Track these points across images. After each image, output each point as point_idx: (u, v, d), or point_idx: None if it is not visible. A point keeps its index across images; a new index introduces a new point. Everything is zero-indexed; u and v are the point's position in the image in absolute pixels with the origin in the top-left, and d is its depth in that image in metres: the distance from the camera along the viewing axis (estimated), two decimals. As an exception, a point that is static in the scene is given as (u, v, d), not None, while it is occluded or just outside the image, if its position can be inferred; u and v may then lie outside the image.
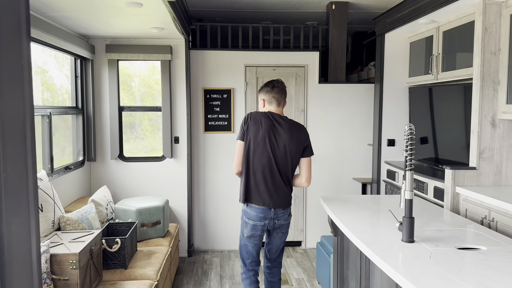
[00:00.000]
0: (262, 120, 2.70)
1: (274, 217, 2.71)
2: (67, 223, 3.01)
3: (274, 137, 2.69)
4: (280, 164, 2.70)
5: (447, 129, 3.78)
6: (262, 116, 2.72)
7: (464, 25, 3.43)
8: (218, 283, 4.01)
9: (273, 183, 2.69)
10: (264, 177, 2.68)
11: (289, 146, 2.70)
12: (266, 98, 2.79)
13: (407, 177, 2.00)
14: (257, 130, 2.68)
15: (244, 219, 2.77)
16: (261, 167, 2.68)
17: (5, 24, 0.52)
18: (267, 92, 2.78)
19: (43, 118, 3.48)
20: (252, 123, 2.71)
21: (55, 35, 3.36)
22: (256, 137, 2.68)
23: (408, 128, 1.98)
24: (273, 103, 2.78)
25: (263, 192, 2.68)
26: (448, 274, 1.63)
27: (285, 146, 2.69)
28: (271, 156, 2.68)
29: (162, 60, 4.49)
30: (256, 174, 2.69)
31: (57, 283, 2.42)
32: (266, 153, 2.68)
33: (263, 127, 2.68)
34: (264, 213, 2.69)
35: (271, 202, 2.68)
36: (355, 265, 2.49)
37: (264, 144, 2.67)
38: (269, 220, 2.71)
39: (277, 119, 2.73)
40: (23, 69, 0.56)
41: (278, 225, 2.76)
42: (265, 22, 5.65)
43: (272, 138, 2.68)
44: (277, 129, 2.70)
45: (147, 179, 4.65)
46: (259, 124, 2.70)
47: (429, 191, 3.53)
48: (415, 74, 4.27)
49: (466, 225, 2.36)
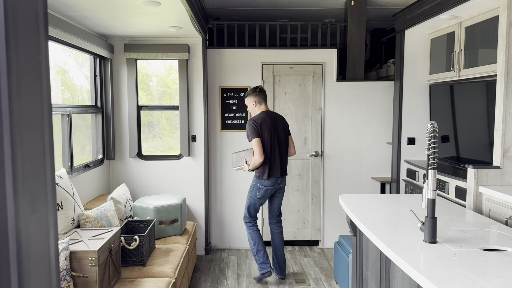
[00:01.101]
0: (266, 120, 3.75)
1: (280, 182, 3.87)
2: (86, 221, 3.04)
3: (276, 129, 3.80)
4: (283, 145, 3.86)
5: (469, 127, 3.69)
6: (265, 117, 3.77)
7: (487, 20, 3.34)
8: (235, 282, 4.00)
9: (281, 159, 3.84)
10: (277, 157, 3.81)
11: (283, 131, 3.86)
12: (257, 100, 3.83)
13: (430, 176, 1.95)
14: (266, 128, 3.73)
15: (259, 186, 3.81)
16: (274, 151, 3.79)
17: (22, 18, 0.51)
18: (256, 95, 3.83)
19: (63, 116, 3.53)
20: (261, 124, 3.73)
21: (75, 34, 3.40)
22: (267, 132, 3.74)
23: (430, 126, 1.93)
24: (263, 103, 3.85)
25: (278, 168, 3.81)
26: (473, 276, 1.58)
27: (283, 131, 3.86)
28: (278, 141, 3.81)
29: (179, 59, 4.50)
30: (272, 156, 3.78)
31: (76, 280, 2.44)
32: (276, 141, 3.79)
33: (268, 124, 3.75)
34: (276, 181, 3.83)
35: (281, 172, 3.84)
36: (375, 266, 2.45)
37: (273, 135, 3.77)
38: (277, 185, 3.86)
39: (271, 115, 3.83)
40: (41, 64, 0.55)
41: (280, 187, 3.93)
42: (282, 20, 5.61)
43: (275, 129, 3.79)
44: (275, 123, 3.80)
45: (165, 177, 4.67)
46: (265, 123, 3.74)
47: (450, 191, 3.45)
48: (436, 71, 4.18)
49: (490, 226, 2.30)
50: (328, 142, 4.88)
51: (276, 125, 3.78)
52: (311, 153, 4.88)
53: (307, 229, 4.98)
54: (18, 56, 0.50)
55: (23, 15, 0.51)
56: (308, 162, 4.91)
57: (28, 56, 0.52)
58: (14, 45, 0.49)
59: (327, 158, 4.90)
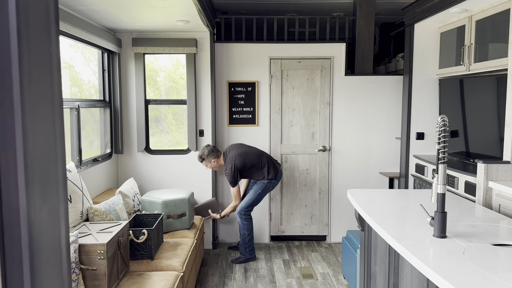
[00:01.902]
0: (239, 151, 4.20)
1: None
2: (95, 214, 3.06)
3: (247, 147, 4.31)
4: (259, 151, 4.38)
5: (478, 122, 3.65)
6: (235, 151, 4.19)
7: (498, 14, 3.30)
8: (243, 276, 4.01)
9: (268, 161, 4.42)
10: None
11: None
12: (214, 155, 4.19)
13: (440, 171, 1.93)
14: (243, 153, 4.20)
15: (267, 185, 4.25)
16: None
17: (34, 10, 0.51)
18: (212, 152, 4.18)
19: (71, 110, 3.54)
20: (240, 163, 4.12)
21: (83, 28, 3.41)
22: (245, 151, 4.24)
23: (441, 120, 1.91)
24: (219, 154, 4.24)
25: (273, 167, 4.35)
26: (483, 270, 1.56)
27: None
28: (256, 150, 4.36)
29: (187, 53, 4.49)
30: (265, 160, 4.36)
31: (85, 273, 2.46)
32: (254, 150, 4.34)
33: (242, 150, 4.23)
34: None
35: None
36: (384, 261, 2.44)
37: (251, 149, 4.30)
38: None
39: (235, 147, 4.29)
40: (51, 55, 0.55)
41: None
42: (290, 14, 5.58)
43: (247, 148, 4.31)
44: (243, 148, 4.29)
45: (172, 171, 4.69)
46: (241, 154, 4.17)
47: (459, 186, 3.43)
48: (446, 65, 4.14)
49: (500, 221, 2.28)
50: (336, 137, 4.86)
51: (244, 147, 4.27)
52: (319, 148, 4.87)
53: (314, 224, 4.98)
54: (29, 47, 0.49)
55: (34, 6, 0.51)
56: (316, 157, 4.90)
57: (39, 47, 0.52)
58: (25, 36, 0.49)
59: (335, 153, 4.88)
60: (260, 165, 4.18)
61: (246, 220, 4.29)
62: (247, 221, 4.29)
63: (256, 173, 4.21)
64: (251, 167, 4.16)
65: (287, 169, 4.90)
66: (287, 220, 4.96)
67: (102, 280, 2.47)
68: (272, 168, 4.21)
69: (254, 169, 4.18)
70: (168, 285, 2.72)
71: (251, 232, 4.32)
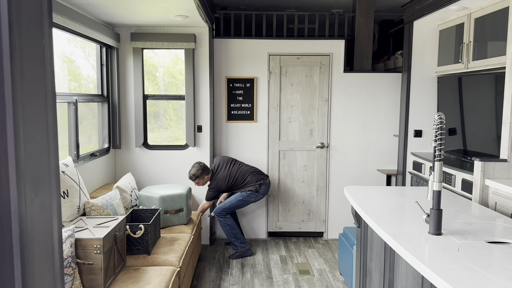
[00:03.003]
0: (222, 167, 4.35)
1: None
2: (92, 209, 3.06)
3: (231, 165, 4.40)
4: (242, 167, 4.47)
5: (476, 120, 3.65)
6: (221, 169, 4.33)
7: (497, 12, 3.29)
8: (240, 271, 4.02)
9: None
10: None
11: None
12: (207, 173, 4.24)
13: (436, 168, 1.93)
14: (225, 167, 4.36)
15: (250, 196, 4.29)
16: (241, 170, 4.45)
17: (25, 1, 0.50)
18: (205, 169, 4.22)
19: (69, 105, 3.54)
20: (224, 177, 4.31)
21: (81, 22, 3.39)
22: (228, 167, 4.37)
23: (438, 118, 1.91)
24: (208, 171, 4.27)
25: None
26: (477, 268, 1.57)
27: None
28: (239, 167, 4.43)
29: (186, 49, 4.48)
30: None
31: (81, 267, 2.47)
32: (237, 166, 4.44)
33: (226, 165, 4.37)
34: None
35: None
36: (379, 257, 2.45)
37: (233, 166, 4.40)
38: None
39: (220, 165, 4.39)
40: (44, 48, 0.55)
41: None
42: (290, 10, 5.57)
43: (232, 165, 4.40)
44: (227, 165, 4.39)
45: (170, 167, 4.69)
46: (223, 168, 4.34)
47: (456, 184, 3.43)
48: (444, 63, 4.13)
49: (495, 219, 2.28)
50: (334, 133, 4.86)
51: (231, 166, 4.38)
52: (317, 145, 4.87)
53: (311, 221, 4.99)
54: (21, 39, 0.49)
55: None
56: (314, 154, 4.90)
57: (32, 40, 0.52)
58: (17, 28, 0.48)
59: (333, 150, 4.88)
60: (243, 183, 4.33)
61: (222, 216, 4.33)
62: (223, 217, 4.32)
63: (236, 189, 4.37)
64: (234, 187, 4.34)
65: (285, 165, 4.91)
66: (284, 216, 4.97)
67: (98, 275, 2.47)
68: (254, 184, 4.32)
69: (237, 188, 4.35)
70: (165, 280, 2.73)
71: (232, 227, 4.34)
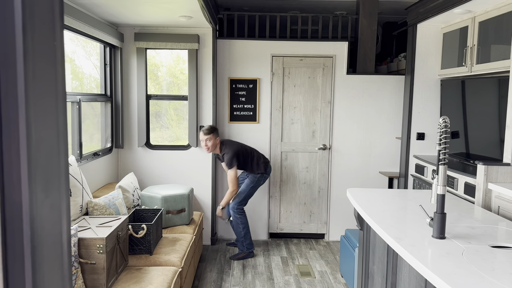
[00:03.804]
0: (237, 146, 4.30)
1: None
2: (94, 208, 3.07)
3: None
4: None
5: (479, 124, 3.65)
6: (233, 145, 4.29)
7: (502, 16, 3.29)
8: (241, 272, 4.02)
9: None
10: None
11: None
12: (217, 138, 4.19)
13: (440, 172, 1.93)
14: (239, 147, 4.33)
15: (259, 179, 4.34)
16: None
17: (39, 4, 0.51)
18: (216, 132, 4.19)
19: (72, 104, 3.54)
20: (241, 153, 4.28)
21: (85, 22, 3.40)
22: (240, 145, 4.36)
23: (442, 121, 1.91)
24: (218, 139, 4.24)
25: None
26: (481, 272, 1.57)
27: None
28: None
29: (189, 49, 4.49)
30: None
31: (84, 267, 2.47)
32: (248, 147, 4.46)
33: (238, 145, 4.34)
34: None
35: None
36: (382, 260, 2.45)
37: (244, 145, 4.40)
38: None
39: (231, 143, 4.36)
40: (56, 49, 0.55)
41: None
42: (293, 12, 5.57)
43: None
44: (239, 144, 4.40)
45: (172, 167, 4.69)
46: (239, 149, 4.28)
47: (459, 187, 3.43)
48: (448, 66, 4.13)
49: (499, 223, 2.28)
50: (336, 135, 4.86)
51: (235, 142, 4.41)
52: (319, 146, 4.87)
53: (313, 222, 4.99)
54: (34, 41, 0.49)
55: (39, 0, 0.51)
56: (316, 155, 4.90)
57: (44, 41, 0.52)
58: (30, 30, 0.48)
59: (335, 152, 4.88)
60: (251, 156, 4.32)
61: (239, 213, 4.34)
62: (240, 214, 4.34)
63: (249, 163, 4.31)
64: (246, 156, 4.28)
65: (287, 166, 4.91)
66: (286, 217, 4.97)
67: (100, 274, 2.47)
68: (262, 162, 4.34)
69: (248, 159, 4.30)
70: (167, 280, 2.73)
71: (245, 226, 4.36)
